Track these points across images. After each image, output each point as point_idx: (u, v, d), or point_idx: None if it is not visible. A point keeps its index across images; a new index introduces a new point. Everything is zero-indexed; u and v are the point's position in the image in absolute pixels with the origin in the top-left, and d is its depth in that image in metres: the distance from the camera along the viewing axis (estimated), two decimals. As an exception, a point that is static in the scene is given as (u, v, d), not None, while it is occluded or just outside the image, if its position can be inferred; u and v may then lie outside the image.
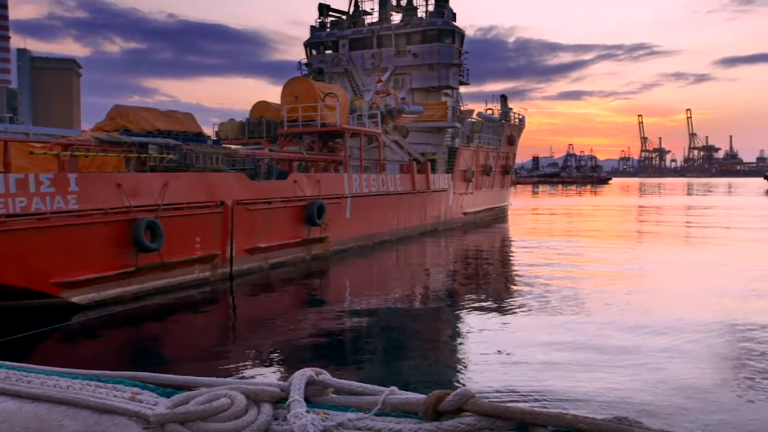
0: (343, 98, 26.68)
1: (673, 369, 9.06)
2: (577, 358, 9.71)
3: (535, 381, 8.59)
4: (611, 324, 11.94)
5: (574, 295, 14.82)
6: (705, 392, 8.14)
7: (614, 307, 13.46)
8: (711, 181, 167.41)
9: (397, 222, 27.80)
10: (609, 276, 18.12)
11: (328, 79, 36.34)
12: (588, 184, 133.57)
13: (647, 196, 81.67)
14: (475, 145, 37.77)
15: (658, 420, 6.92)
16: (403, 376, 9.31)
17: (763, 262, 20.82)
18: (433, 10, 38.25)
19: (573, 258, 21.62)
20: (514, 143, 45.38)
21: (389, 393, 1.57)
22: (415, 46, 36.64)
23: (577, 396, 7.97)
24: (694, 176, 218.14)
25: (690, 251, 24.62)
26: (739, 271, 18.47)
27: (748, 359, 9.57)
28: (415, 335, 12.09)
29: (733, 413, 7.46)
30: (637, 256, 22.51)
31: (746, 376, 8.82)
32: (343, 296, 16.80)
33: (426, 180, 30.72)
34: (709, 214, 46.27)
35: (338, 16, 39.94)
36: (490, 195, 40.72)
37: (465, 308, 14.07)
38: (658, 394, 8.03)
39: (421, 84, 37.23)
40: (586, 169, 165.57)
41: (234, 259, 18.27)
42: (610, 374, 8.85)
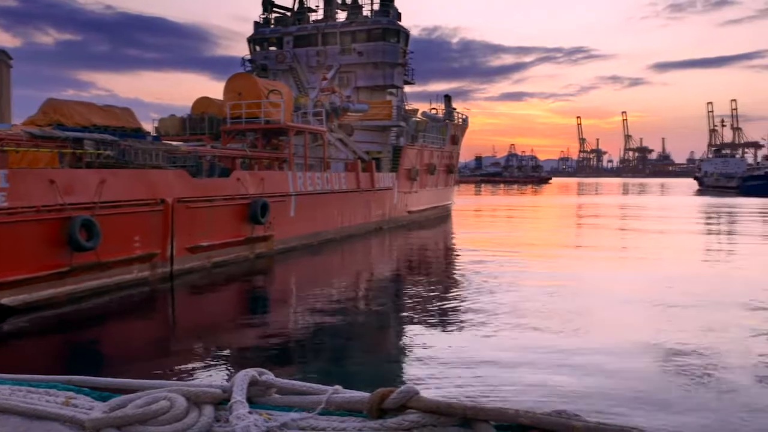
0: (287, 95, 26.42)
1: (610, 367, 9.35)
2: (519, 355, 9.91)
3: (479, 377, 8.73)
4: (552, 323, 12.23)
5: (515, 293, 15.12)
6: (640, 386, 8.44)
7: (554, 306, 13.78)
8: (645, 181, 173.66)
9: (341, 220, 27.75)
10: (550, 274, 18.56)
11: (272, 75, 35.95)
12: (529, 184, 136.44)
13: (585, 196, 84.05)
14: (419, 145, 38.06)
15: (596, 413, 7.13)
16: (348, 374, 9.31)
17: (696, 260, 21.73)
18: (378, 9, 38.33)
19: (514, 256, 22.04)
20: (457, 143, 45.96)
21: (333, 392, 1.56)
22: (360, 45, 36.64)
23: (520, 391, 8.13)
24: (629, 176, 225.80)
25: (624, 251, 25.46)
26: (667, 263, 19.24)
27: (678, 355, 9.97)
28: (360, 334, 12.10)
29: (667, 406, 7.76)
30: (575, 256, 23.14)
31: (679, 369, 9.19)
32: (287, 295, 16.66)
33: (371, 178, 30.76)
34: (643, 215, 47.97)
35: (283, 12, 39.56)
36: (434, 194, 41.12)
37: (409, 306, 14.17)
38: (596, 390, 8.28)
39: (366, 82, 37.26)
40: (528, 169, 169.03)
41: (175, 259, 17.86)
42: (552, 371, 9.07)
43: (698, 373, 8.92)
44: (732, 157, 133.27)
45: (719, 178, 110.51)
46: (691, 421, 7.21)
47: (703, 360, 9.58)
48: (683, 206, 57.36)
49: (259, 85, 25.76)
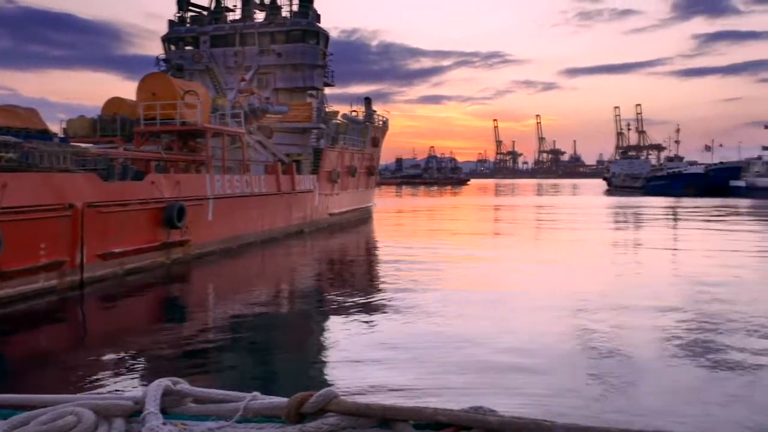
0: (204, 96, 25.80)
1: (525, 365, 9.66)
2: (439, 355, 10.07)
3: (400, 378, 8.80)
4: (472, 322, 12.50)
5: (436, 294, 15.35)
6: (552, 381, 8.76)
7: (473, 306, 14.09)
8: (558, 182, 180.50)
9: (262, 224, 27.36)
10: (468, 274, 18.98)
11: (189, 76, 35.00)
12: (448, 185, 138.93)
13: (503, 197, 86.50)
14: (340, 147, 38.06)
15: (512, 408, 7.35)
16: (268, 380, 9.18)
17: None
18: (297, 10, 38.06)
19: (434, 257, 22.39)
20: (378, 145, 46.27)
21: (251, 399, 1.53)
22: (279, 46, 36.27)
23: (440, 391, 8.26)
24: (543, 177, 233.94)
25: (538, 249, 26.37)
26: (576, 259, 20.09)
27: (590, 350, 10.42)
28: (281, 339, 11.97)
29: (581, 399, 8.09)
30: (493, 255, 23.76)
31: (591, 362, 9.59)
32: (205, 301, 16.26)
33: (291, 181, 30.50)
34: (556, 214, 49.84)
35: (199, 11, 38.62)
36: (356, 196, 41.22)
37: (331, 310, 14.14)
38: (512, 387, 8.52)
39: (285, 84, 36.92)
40: (447, 171, 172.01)
41: (85, 266, 17.06)
42: (471, 371, 9.27)
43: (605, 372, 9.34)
44: (637, 158, 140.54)
45: (626, 178, 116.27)
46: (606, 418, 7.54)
47: (608, 356, 10.04)
48: (594, 206, 60.04)
49: (175, 86, 25.02)
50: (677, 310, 13.07)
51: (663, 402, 7.88)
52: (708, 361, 9.52)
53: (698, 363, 9.46)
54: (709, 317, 12.41)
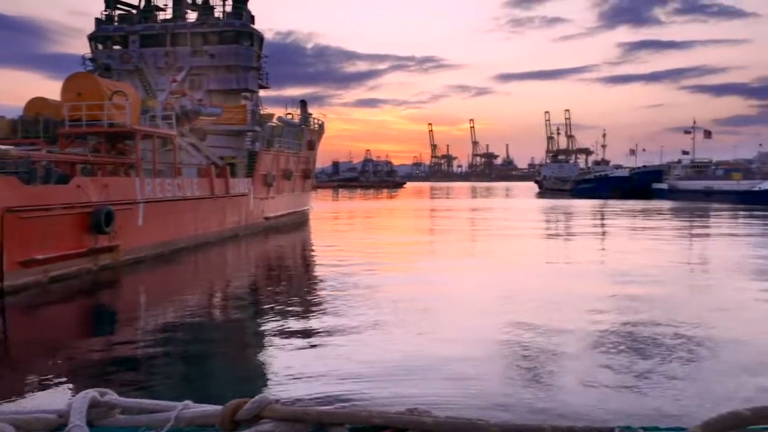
0: (133, 97, 25.02)
1: (460, 370, 9.80)
2: (377, 359, 10.10)
3: (337, 384, 8.78)
4: (409, 326, 12.58)
5: (373, 298, 15.39)
6: (485, 385, 8.92)
7: (413, 311, 14.20)
8: (492, 185, 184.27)
9: (195, 228, 26.75)
10: (406, 277, 19.12)
11: (117, 76, 33.85)
12: (385, 188, 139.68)
13: (438, 199, 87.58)
14: (275, 150, 37.67)
15: (446, 409, 7.44)
16: (201, 389, 8.98)
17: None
18: (231, 11, 37.47)
19: (371, 262, 22.44)
20: (314, 148, 46.04)
21: (183, 407, 1.50)
22: (212, 47, 35.60)
23: (377, 395, 8.28)
24: (477, 180, 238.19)
25: (474, 251, 26.84)
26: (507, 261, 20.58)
27: (515, 353, 10.67)
28: (214, 346, 11.74)
29: (505, 401, 8.27)
30: (428, 258, 24.03)
31: (515, 367, 9.82)
32: (135, 309, 15.76)
33: (225, 184, 29.97)
34: (491, 216, 50.84)
35: (128, 9, 37.45)
36: (292, 199, 40.88)
37: (267, 316, 13.95)
38: (448, 391, 8.63)
39: (218, 86, 36.27)
40: (383, 174, 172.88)
41: (5, 274, 16.24)
42: (408, 374, 9.33)
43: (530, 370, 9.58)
44: (567, 162, 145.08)
45: (556, 181, 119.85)
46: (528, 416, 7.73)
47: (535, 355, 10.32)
48: (526, 208, 61.58)
49: (102, 86, 24.17)
50: (607, 311, 13.55)
51: (594, 397, 8.15)
52: (630, 353, 9.91)
53: (622, 354, 9.83)
54: (633, 310, 12.93)
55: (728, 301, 14.69)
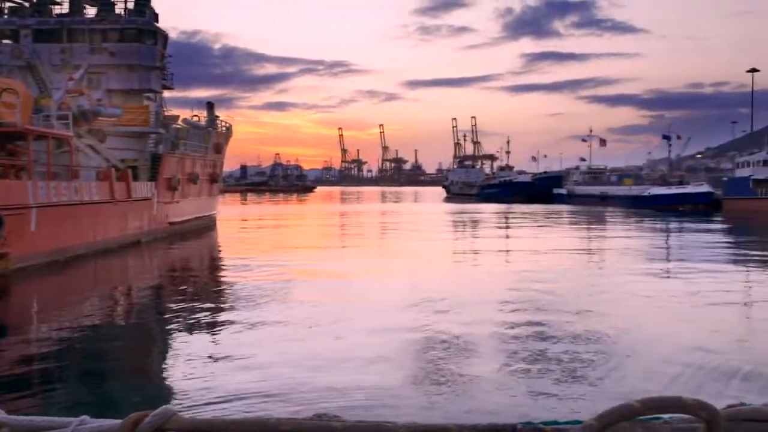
0: (24, 95, 23.54)
1: (371, 372, 9.86)
2: (285, 364, 9.98)
3: (245, 392, 8.61)
4: (316, 329, 12.53)
5: (279, 304, 15.21)
6: (395, 388, 9.02)
7: (320, 314, 14.14)
8: (401, 190, 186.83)
9: (94, 234, 25.47)
10: (316, 281, 19.01)
11: (7, 72, 31.75)
12: (294, 193, 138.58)
13: (348, 204, 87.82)
14: (180, 153, 36.51)
15: (357, 413, 7.47)
16: (100, 402, 8.57)
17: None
18: (133, 8, 36.03)
19: (279, 266, 22.17)
20: (221, 151, 44.98)
21: (79, 423, 1.42)
22: (112, 45, 34.09)
23: (288, 401, 8.19)
24: (387, 185, 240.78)
25: (378, 254, 27.09)
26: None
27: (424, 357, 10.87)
28: (116, 356, 11.22)
29: (419, 402, 8.40)
30: (339, 261, 24.03)
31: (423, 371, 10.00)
32: (27, 320, 14.82)
33: (127, 188, 28.75)
34: (400, 220, 51.49)
35: (20, 2, 35.26)
36: (198, 204, 39.73)
37: (171, 324, 13.49)
38: (359, 394, 8.66)
39: (119, 85, 34.77)
40: (293, 178, 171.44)
41: None
42: (316, 380, 9.29)
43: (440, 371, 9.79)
44: (473, 167, 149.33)
45: (463, 186, 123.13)
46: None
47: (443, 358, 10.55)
48: (435, 212, 62.84)
49: (-11, 83, 22.61)
50: (516, 309, 14.03)
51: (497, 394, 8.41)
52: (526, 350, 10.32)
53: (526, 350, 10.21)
54: (534, 308, 13.46)
55: (616, 292, 15.59)
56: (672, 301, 15.31)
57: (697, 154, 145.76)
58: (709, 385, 8.74)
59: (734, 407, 1.88)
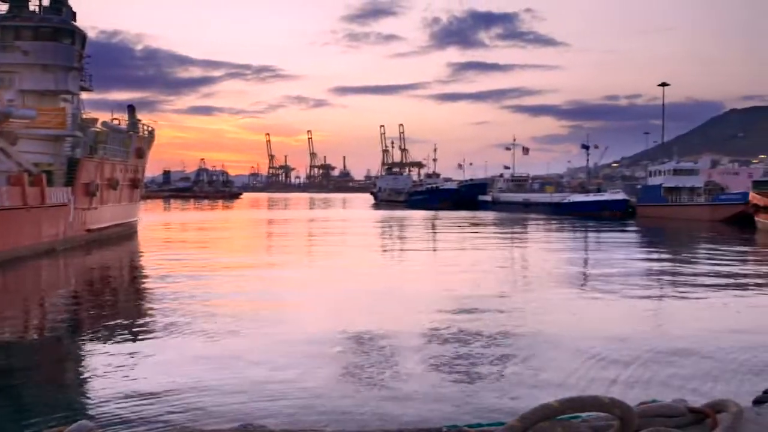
0: (-73, 95, 22.13)
1: (297, 379, 9.77)
2: (205, 373, 9.75)
3: (164, 403, 8.35)
4: (239, 338, 12.31)
5: (204, 312, 14.86)
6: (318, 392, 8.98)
7: (243, 322, 13.90)
8: (329, 196, 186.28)
9: (4, 242, 24.11)
10: (237, 288, 18.68)
11: None
12: (220, 199, 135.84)
13: (276, 210, 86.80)
14: (100, 157, 35.10)
15: (283, 419, 7.38)
16: (11, 419, 8.10)
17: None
18: (49, 5, 34.45)
19: (202, 274, 21.67)
20: (143, 156, 43.54)
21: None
22: (26, 43, 32.46)
23: (209, 411, 8.00)
24: (315, 191, 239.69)
25: (307, 260, 26.92)
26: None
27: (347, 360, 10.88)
28: (30, 371, 10.64)
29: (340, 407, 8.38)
30: (260, 266, 23.72)
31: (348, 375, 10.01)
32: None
33: (40, 194, 27.39)
34: (328, 226, 51.32)
35: None
36: (118, 210, 38.28)
37: (89, 335, 12.94)
38: (283, 403, 8.56)
39: (33, 86, 33.12)
40: (218, 184, 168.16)
41: None
42: (240, 388, 9.12)
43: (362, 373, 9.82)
44: (401, 174, 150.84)
45: (391, 193, 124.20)
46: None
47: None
48: (363, 219, 62.98)
49: None
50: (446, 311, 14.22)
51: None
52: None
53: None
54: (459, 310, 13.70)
55: (540, 299, 16.08)
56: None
57: (614, 162, 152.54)
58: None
59: (646, 404, 1.99)
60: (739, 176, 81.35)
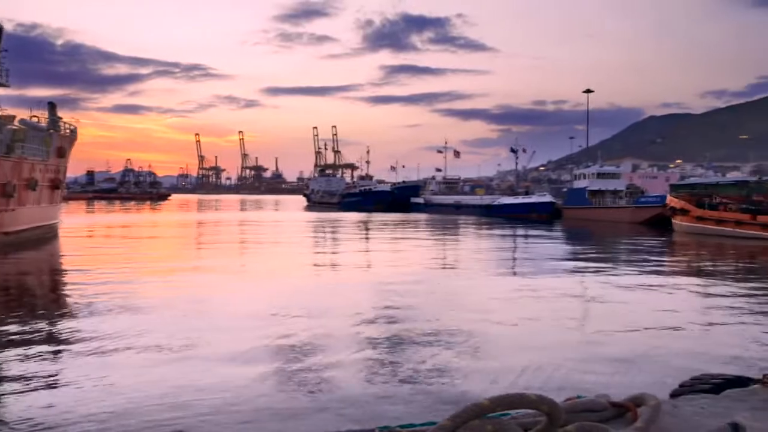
0: None
1: (229, 386, 9.60)
2: (123, 379, 9.45)
3: (88, 407, 8.04)
4: (163, 341, 12.00)
5: (127, 318, 14.40)
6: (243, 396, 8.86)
7: (172, 324, 13.55)
8: (261, 198, 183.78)
9: None
10: (164, 290, 18.18)
11: None
12: (147, 200, 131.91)
13: (206, 212, 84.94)
14: (17, 156, 33.42)
15: (223, 428, 7.24)
16: None
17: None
18: (-40, -5, 32.67)
19: (125, 277, 20.97)
20: (64, 155, 41.75)
21: None
22: (-66, 35, 30.64)
23: (130, 420, 7.75)
24: (246, 193, 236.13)
25: (236, 261, 26.50)
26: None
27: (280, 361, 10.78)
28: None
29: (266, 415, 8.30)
30: (189, 273, 23.19)
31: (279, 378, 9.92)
32: None
33: (-49, 194, 25.84)
34: (260, 230, 50.62)
35: None
36: (37, 212, 36.56)
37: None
38: (210, 408, 8.40)
39: (-58, 80, 31.30)
40: (145, 185, 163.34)
41: None
42: (168, 392, 8.88)
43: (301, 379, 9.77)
44: (334, 176, 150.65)
45: (324, 195, 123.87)
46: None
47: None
48: (296, 220, 62.46)
49: None
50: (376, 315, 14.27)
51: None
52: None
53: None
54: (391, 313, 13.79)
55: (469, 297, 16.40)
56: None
57: (541, 166, 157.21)
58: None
59: (571, 400, 2.06)
60: (657, 180, 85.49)
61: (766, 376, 3.60)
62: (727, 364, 9.85)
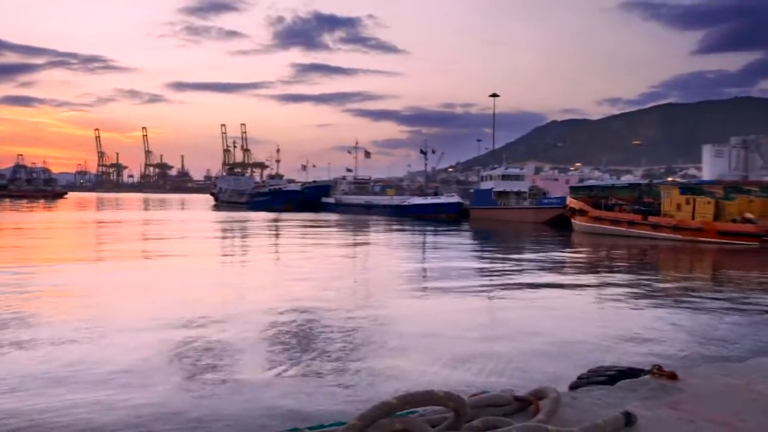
0: None
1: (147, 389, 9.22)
2: (48, 383, 8.89)
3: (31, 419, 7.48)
4: (71, 344, 11.38)
5: (26, 320, 13.54)
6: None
7: (72, 326, 12.86)
8: (166, 197, 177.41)
9: None
10: (62, 294, 17.23)
11: None
12: (41, 199, 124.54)
13: (106, 211, 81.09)
14: None
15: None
16: None
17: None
18: None
19: (12, 279, 19.71)
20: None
21: None
22: None
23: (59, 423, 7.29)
24: (150, 191, 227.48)
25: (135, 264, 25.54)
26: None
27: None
28: None
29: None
30: (88, 271, 22.13)
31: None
32: None
33: None
34: (164, 229, 48.91)
35: None
36: None
37: None
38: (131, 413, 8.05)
39: None
40: (39, 183, 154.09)
41: None
42: (99, 397, 8.42)
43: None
44: (243, 175, 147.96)
45: (232, 194, 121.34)
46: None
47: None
48: (202, 220, 60.73)
49: None
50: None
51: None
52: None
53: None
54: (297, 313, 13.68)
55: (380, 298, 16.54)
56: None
57: (450, 167, 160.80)
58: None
59: (477, 395, 2.10)
60: (558, 182, 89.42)
61: (655, 366, 3.84)
62: (622, 355, 10.41)
